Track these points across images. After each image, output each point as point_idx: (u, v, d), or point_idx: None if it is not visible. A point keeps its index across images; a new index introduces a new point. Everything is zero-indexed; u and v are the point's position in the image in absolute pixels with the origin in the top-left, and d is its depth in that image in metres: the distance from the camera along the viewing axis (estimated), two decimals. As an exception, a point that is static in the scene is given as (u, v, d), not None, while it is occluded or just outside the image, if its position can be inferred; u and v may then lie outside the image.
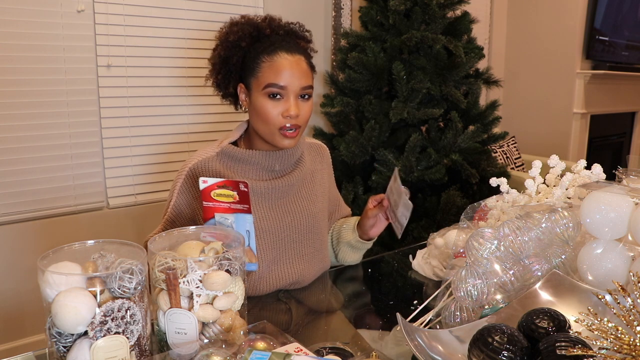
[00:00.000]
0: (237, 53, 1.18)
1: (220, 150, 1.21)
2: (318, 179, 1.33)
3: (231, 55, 1.18)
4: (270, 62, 1.13)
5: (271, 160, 1.21)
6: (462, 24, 2.62)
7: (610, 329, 0.64)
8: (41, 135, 2.17)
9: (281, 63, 1.13)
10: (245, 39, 1.17)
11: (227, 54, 1.19)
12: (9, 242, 2.14)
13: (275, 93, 1.13)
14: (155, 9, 2.39)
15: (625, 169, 1.13)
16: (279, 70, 1.12)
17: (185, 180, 1.18)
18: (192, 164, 1.19)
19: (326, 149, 1.41)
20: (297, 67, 1.14)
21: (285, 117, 1.13)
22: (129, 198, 2.43)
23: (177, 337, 0.81)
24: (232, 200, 0.97)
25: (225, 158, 1.21)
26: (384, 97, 2.57)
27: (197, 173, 1.18)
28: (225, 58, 1.19)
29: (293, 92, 1.13)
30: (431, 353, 0.76)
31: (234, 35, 1.18)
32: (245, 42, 1.17)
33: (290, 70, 1.13)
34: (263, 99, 1.14)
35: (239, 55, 1.18)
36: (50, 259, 0.76)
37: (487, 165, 2.56)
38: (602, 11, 3.87)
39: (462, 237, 1.10)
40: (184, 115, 2.55)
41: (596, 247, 0.90)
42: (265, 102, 1.13)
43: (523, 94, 4.17)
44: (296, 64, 1.14)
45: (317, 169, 1.34)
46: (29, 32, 2.09)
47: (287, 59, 1.13)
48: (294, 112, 1.12)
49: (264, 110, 1.13)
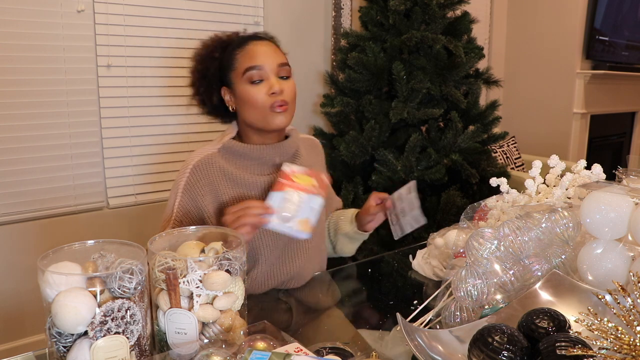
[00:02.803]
0: (212, 64, 1.24)
1: (221, 146, 1.22)
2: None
3: (208, 67, 1.24)
4: (242, 51, 1.20)
5: (272, 153, 1.22)
6: (462, 24, 2.62)
7: (610, 329, 0.64)
8: (41, 135, 2.17)
9: (253, 48, 1.20)
10: (216, 50, 1.24)
11: (203, 67, 1.25)
12: (9, 242, 2.14)
13: (255, 78, 1.17)
14: (155, 9, 2.39)
15: (625, 169, 1.13)
16: (252, 54, 1.19)
17: (189, 179, 1.18)
18: (195, 162, 1.19)
19: (319, 143, 1.44)
20: (268, 48, 1.21)
21: (271, 95, 1.16)
22: (129, 198, 2.43)
23: (177, 337, 0.81)
24: (308, 184, 1.12)
25: (227, 153, 1.21)
26: (384, 97, 2.57)
27: (200, 170, 1.18)
28: (202, 70, 1.25)
29: (271, 71, 1.18)
30: (431, 353, 0.76)
31: (205, 49, 1.26)
32: (217, 52, 1.24)
33: (263, 51, 1.19)
34: (246, 86, 1.18)
35: (214, 65, 1.24)
36: (50, 259, 0.76)
37: (487, 165, 2.56)
38: (602, 11, 3.87)
39: (462, 237, 1.10)
40: (184, 115, 2.55)
41: (596, 247, 0.90)
42: (249, 88, 1.18)
43: (523, 94, 4.17)
44: (266, 46, 1.21)
45: (313, 163, 1.36)
46: (29, 32, 2.09)
47: (257, 44, 1.21)
48: (278, 88, 1.16)
49: (249, 95, 1.17)
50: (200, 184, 1.17)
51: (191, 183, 1.17)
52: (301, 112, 2.91)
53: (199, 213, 1.18)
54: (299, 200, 1.11)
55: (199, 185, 1.17)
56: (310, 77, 2.94)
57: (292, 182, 1.12)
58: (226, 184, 1.18)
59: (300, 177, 1.13)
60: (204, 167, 1.18)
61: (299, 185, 1.12)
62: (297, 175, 1.13)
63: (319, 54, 2.98)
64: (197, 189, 1.17)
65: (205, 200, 1.17)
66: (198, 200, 1.17)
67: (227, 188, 1.18)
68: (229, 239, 0.90)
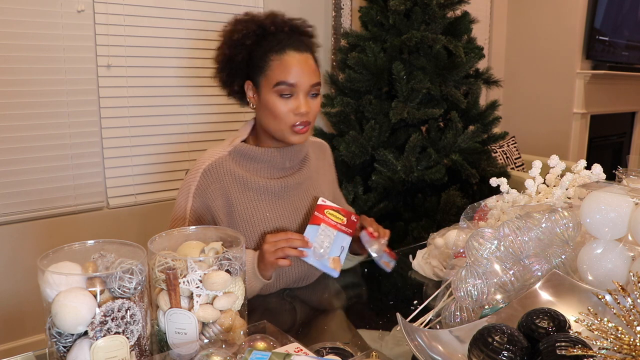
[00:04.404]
0: (241, 51, 1.18)
1: (232, 148, 1.21)
2: (322, 176, 1.35)
3: (236, 54, 1.19)
4: (279, 60, 1.14)
5: (282, 157, 1.22)
6: (462, 24, 2.62)
7: (610, 329, 0.64)
8: (41, 135, 2.17)
9: (290, 61, 1.14)
10: (249, 37, 1.18)
11: (231, 53, 1.19)
12: (9, 242, 2.14)
13: (285, 92, 1.14)
14: (155, 9, 2.39)
15: (625, 169, 1.13)
16: (288, 69, 1.14)
17: (200, 183, 1.17)
18: (206, 165, 1.18)
19: (328, 146, 1.42)
20: (305, 65, 1.16)
21: (297, 114, 1.14)
22: (129, 198, 2.43)
23: (177, 337, 0.81)
24: (340, 222, 1.18)
25: (238, 156, 1.21)
26: (384, 97, 2.57)
27: (211, 174, 1.18)
28: (230, 57, 1.20)
29: (303, 90, 1.15)
30: (431, 353, 0.76)
31: (238, 33, 1.19)
32: (250, 40, 1.18)
33: (300, 68, 1.14)
34: (274, 97, 1.15)
35: (243, 54, 1.18)
36: (50, 259, 0.76)
37: (487, 165, 2.56)
38: (602, 11, 3.87)
39: (462, 237, 1.10)
40: (184, 115, 2.55)
41: (596, 247, 0.90)
42: (276, 100, 1.15)
43: (523, 94, 4.17)
44: (305, 62, 1.16)
45: (321, 166, 1.36)
46: (29, 32, 2.09)
47: (296, 57, 1.15)
48: (305, 110, 1.14)
49: (275, 108, 1.15)
50: (211, 188, 1.17)
51: (202, 187, 1.17)
52: (301, 112, 2.92)
53: (211, 218, 1.18)
54: (332, 237, 1.16)
55: (210, 190, 1.17)
56: (310, 77, 2.94)
57: (326, 217, 1.17)
58: (237, 187, 1.19)
59: (332, 213, 1.18)
60: (214, 170, 1.18)
61: (330, 222, 1.17)
62: (330, 211, 1.18)
63: (319, 53, 2.97)
64: (208, 193, 1.17)
65: (216, 204, 1.17)
66: (209, 204, 1.17)
67: (237, 192, 1.18)
68: (229, 239, 0.90)
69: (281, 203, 1.22)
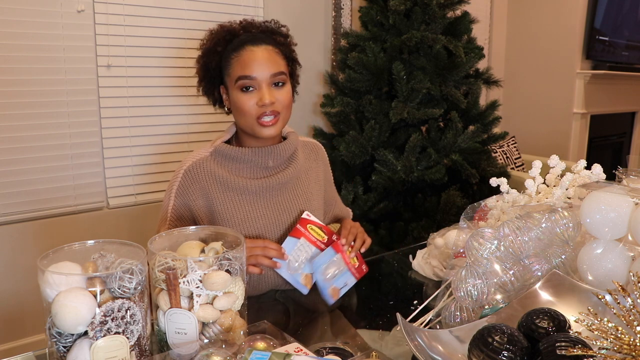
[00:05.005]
0: (214, 58, 1.22)
1: (213, 149, 1.23)
2: (313, 177, 1.33)
3: (210, 61, 1.22)
4: (237, 56, 1.17)
5: (264, 156, 1.22)
6: (462, 24, 2.62)
7: (610, 329, 0.64)
8: (41, 135, 2.17)
9: (247, 55, 1.17)
10: (220, 43, 1.21)
11: (205, 61, 1.23)
12: (9, 242, 2.14)
13: (246, 86, 1.16)
14: (155, 9, 2.39)
15: (625, 169, 1.13)
16: (246, 63, 1.16)
17: (182, 183, 1.20)
18: (187, 166, 1.21)
19: (322, 148, 1.41)
20: (263, 57, 1.17)
21: (260, 106, 1.16)
22: (128, 198, 2.43)
23: (177, 337, 0.81)
24: (320, 239, 1.17)
25: (219, 157, 1.22)
26: (384, 97, 2.57)
27: (192, 175, 1.20)
28: (205, 65, 1.24)
29: (264, 81, 1.16)
30: (431, 353, 0.76)
31: (210, 42, 1.23)
32: (220, 46, 1.21)
33: (257, 61, 1.16)
34: (237, 93, 1.17)
35: (216, 60, 1.22)
36: (50, 259, 0.76)
37: (487, 165, 2.56)
38: (602, 11, 3.87)
39: (462, 237, 1.10)
40: (184, 115, 2.55)
41: (596, 247, 0.90)
42: (240, 95, 1.17)
43: (523, 94, 4.17)
44: (261, 54, 1.17)
45: (312, 167, 1.35)
46: (29, 32, 2.09)
47: (253, 51, 1.17)
48: (268, 100, 1.15)
49: (240, 103, 1.17)
50: (192, 188, 1.20)
51: (183, 187, 1.20)
52: (301, 112, 2.92)
53: (192, 217, 1.21)
54: (308, 253, 1.15)
55: (190, 190, 1.20)
56: (310, 77, 2.94)
57: (307, 231, 1.16)
58: (217, 188, 1.20)
59: (314, 229, 1.17)
60: (195, 171, 1.20)
61: (311, 237, 1.16)
62: (313, 227, 1.17)
63: (319, 54, 2.97)
64: (189, 193, 1.20)
65: (196, 204, 1.20)
66: (190, 205, 1.20)
67: (217, 192, 1.20)
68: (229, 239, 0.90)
69: (263, 203, 1.22)
